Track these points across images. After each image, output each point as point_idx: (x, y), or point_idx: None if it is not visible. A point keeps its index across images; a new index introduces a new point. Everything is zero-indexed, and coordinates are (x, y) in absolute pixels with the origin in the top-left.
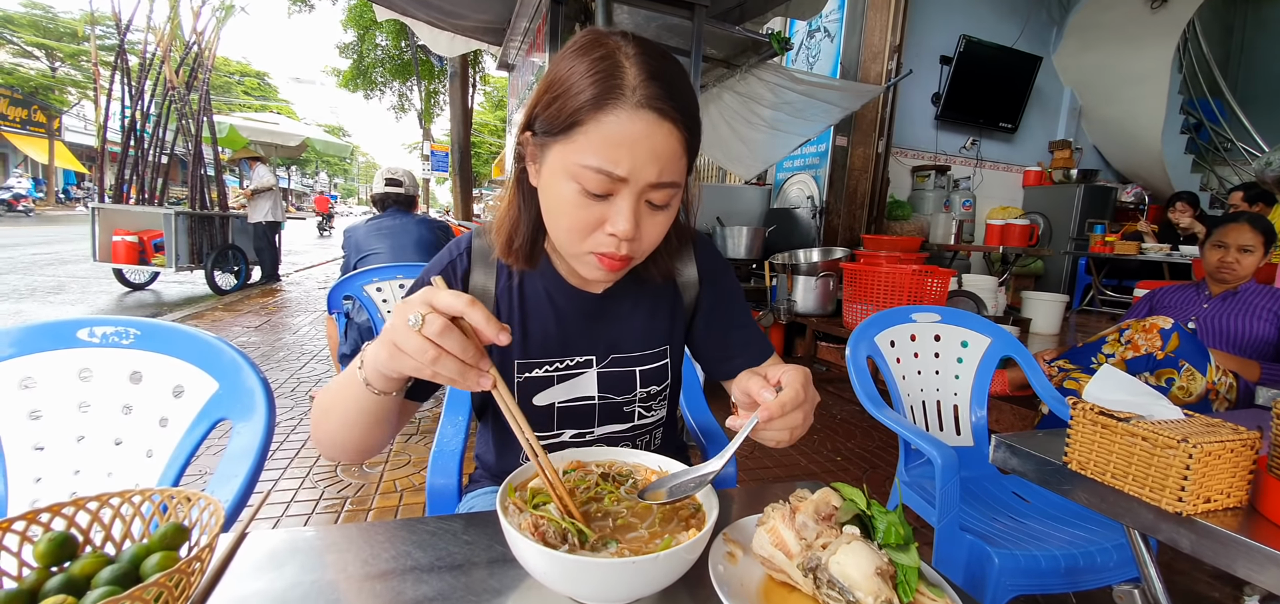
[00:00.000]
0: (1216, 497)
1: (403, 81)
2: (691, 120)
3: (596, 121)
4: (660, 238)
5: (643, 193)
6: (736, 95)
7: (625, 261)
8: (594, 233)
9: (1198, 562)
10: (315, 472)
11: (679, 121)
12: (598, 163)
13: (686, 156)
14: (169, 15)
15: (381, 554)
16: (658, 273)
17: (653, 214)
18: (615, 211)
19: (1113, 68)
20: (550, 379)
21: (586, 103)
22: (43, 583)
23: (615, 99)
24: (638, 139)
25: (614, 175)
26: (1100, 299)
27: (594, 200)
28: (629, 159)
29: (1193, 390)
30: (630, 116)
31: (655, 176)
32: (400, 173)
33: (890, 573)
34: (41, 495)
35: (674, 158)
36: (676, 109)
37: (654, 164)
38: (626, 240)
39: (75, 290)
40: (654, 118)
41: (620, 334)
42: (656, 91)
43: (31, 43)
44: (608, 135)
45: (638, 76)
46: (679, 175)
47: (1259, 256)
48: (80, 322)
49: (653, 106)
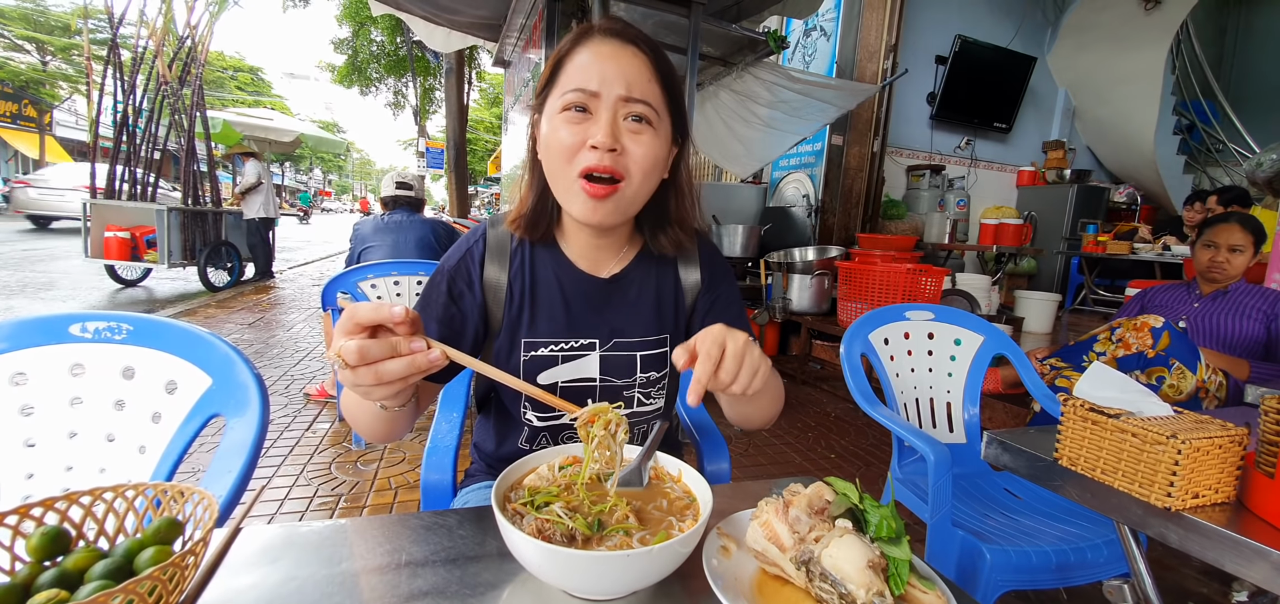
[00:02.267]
0: (1205, 492)
1: (398, 77)
2: (658, 57)
3: (571, 59)
4: (648, 165)
5: (617, 106)
6: (733, 93)
7: (611, 187)
8: (579, 153)
9: (1187, 557)
10: (309, 469)
11: (641, 45)
12: (573, 85)
13: (659, 86)
14: (162, 9)
15: (376, 549)
16: (667, 243)
17: (634, 134)
18: (596, 125)
19: (1106, 68)
20: (554, 358)
21: (564, 52)
22: (36, 577)
23: (584, 38)
24: (604, 59)
25: (586, 91)
26: (1093, 298)
27: (577, 123)
28: (597, 76)
29: (1183, 389)
30: (596, 45)
31: (624, 90)
32: (410, 177)
33: (882, 565)
34: (33, 491)
35: (642, 78)
36: (638, 39)
37: (621, 80)
38: (607, 150)
39: (66, 287)
40: (618, 43)
41: (624, 320)
42: (616, 24)
43: (22, 36)
44: (579, 65)
45: (604, 22)
46: (652, 97)
47: (1249, 256)
48: (72, 317)
49: (615, 35)
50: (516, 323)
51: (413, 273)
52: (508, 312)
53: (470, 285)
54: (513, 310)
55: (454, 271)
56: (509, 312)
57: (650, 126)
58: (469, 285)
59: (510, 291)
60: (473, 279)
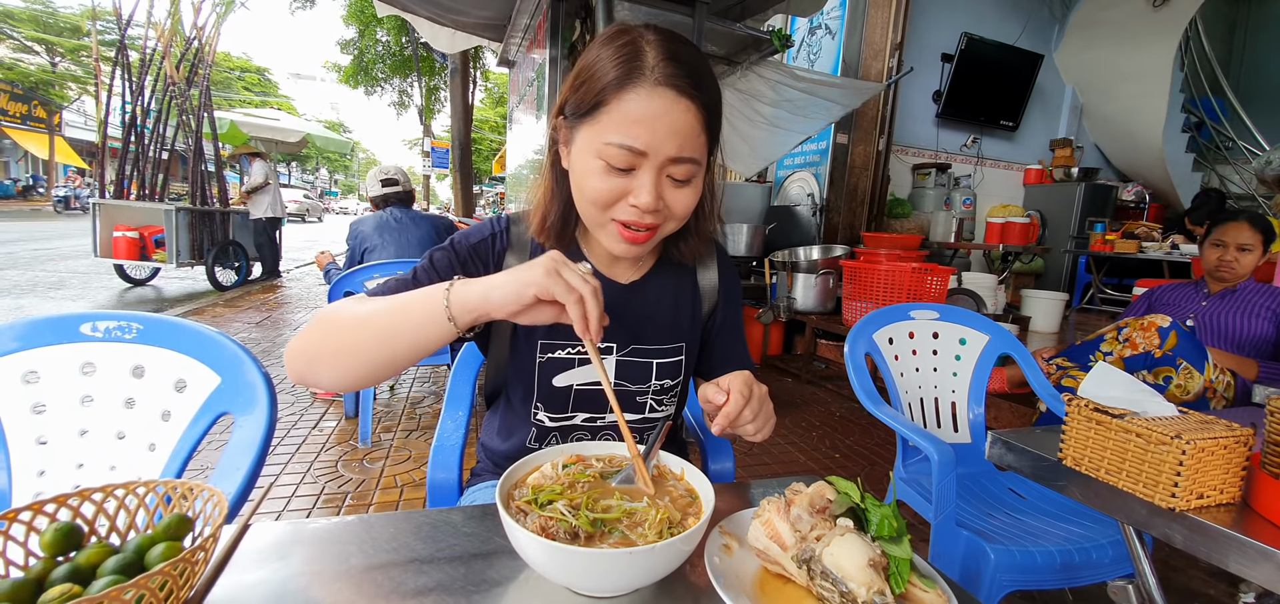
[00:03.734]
0: (1210, 493)
1: (403, 78)
2: (709, 101)
3: (619, 100)
4: (686, 213)
5: (663, 167)
6: (737, 92)
7: (648, 234)
8: (617, 204)
9: (1193, 558)
10: (316, 467)
11: (696, 99)
12: (620, 139)
13: (706, 135)
14: (170, 10)
15: (382, 546)
16: (687, 253)
17: (675, 189)
18: (638, 185)
19: (1114, 65)
20: (571, 361)
21: (609, 83)
22: (49, 572)
23: (636, 79)
24: (657, 115)
25: (634, 149)
26: (1100, 297)
27: (618, 175)
28: (648, 134)
29: (1190, 388)
30: (649, 94)
31: (675, 151)
32: (393, 170)
33: (883, 564)
34: (45, 488)
35: (692, 134)
36: (693, 87)
37: (673, 139)
38: (649, 212)
39: (76, 286)
40: (672, 95)
41: (642, 326)
42: (674, 71)
43: (32, 38)
44: (628, 112)
45: (656, 58)
46: (698, 152)
47: (1258, 255)
48: (83, 316)
49: (670, 84)
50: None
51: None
52: None
53: (487, 269)
54: None
55: (474, 249)
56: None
57: (693, 180)
58: (485, 268)
59: None
60: (490, 266)
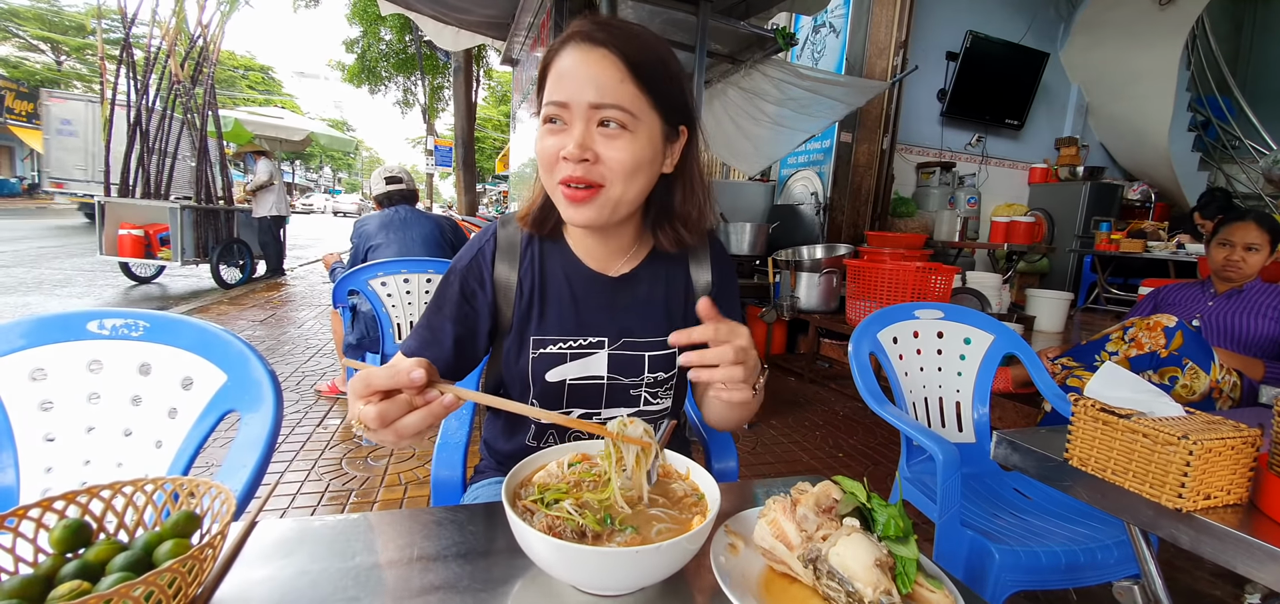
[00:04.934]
0: (1217, 493)
1: (407, 76)
2: (631, 52)
3: (552, 68)
4: (626, 167)
5: (587, 117)
6: (741, 91)
7: (588, 190)
8: (557, 163)
9: (1198, 559)
10: (320, 464)
11: (611, 48)
12: (548, 97)
13: (636, 86)
14: (174, 9)
15: (389, 543)
16: (668, 240)
17: (608, 140)
18: (567, 136)
19: (1120, 64)
20: (563, 356)
21: (547, 60)
22: (58, 569)
23: (561, 46)
24: (574, 67)
25: (557, 101)
26: (1105, 297)
27: (554, 135)
28: (568, 85)
29: (1196, 389)
30: (568, 53)
31: (594, 97)
32: (397, 169)
33: (889, 564)
34: (52, 485)
35: (613, 82)
36: (608, 38)
37: (590, 86)
38: (578, 161)
39: (82, 284)
40: (585, 46)
41: (633, 320)
42: (588, 28)
43: (37, 36)
44: (555, 75)
45: (578, 22)
46: (626, 101)
47: (1265, 255)
48: (90, 314)
49: (584, 38)
50: (526, 320)
51: (422, 271)
52: (517, 309)
53: (482, 284)
54: (522, 307)
55: (466, 271)
56: (518, 309)
57: (625, 129)
58: (480, 284)
59: (520, 289)
60: (484, 277)
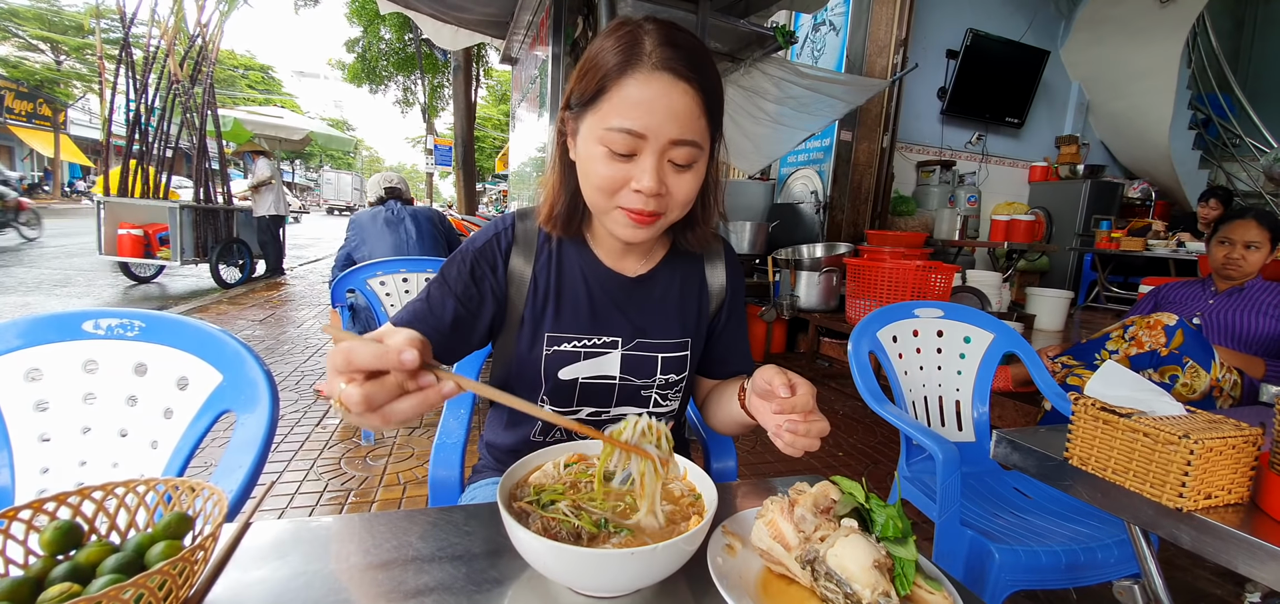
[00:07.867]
0: (1217, 493)
1: (407, 75)
2: (708, 85)
3: (619, 86)
4: (689, 198)
5: (664, 151)
6: (741, 89)
7: (654, 217)
8: (621, 190)
9: (1199, 558)
10: (319, 465)
11: (693, 82)
12: (620, 123)
13: (706, 119)
14: (173, 8)
15: (383, 544)
16: (695, 241)
17: (677, 174)
18: (640, 169)
19: (1121, 62)
20: (577, 354)
21: (610, 70)
22: (49, 571)
23: (634, 64)
24: (655, 98)
25: (634, 133)
26: (1106, 295)
27: (620, 160)
28: (647, 116)
29: (1197, 387)
30: (647, 78)
31: (675, 133)
32: (394, 178)
33: (887, 565)
34: (48, 485)
35: (692, 117)
36: (690, 70)
37: (672, 122)
38: (652, 196)
39: (81, 283)
40: (669, 78)
41: (648, 321)
42: (670, 54)
43: (37, 36)
44: (628, 97)
45: (654, 44)
46: (699, 136)
47: (1266, 253)
48: (86, 313)
49: (667, 68)
50: (540, 317)
51: (421, 270)
52: (531, 305)
53: (494, 269)
54: (537, 304)
55: (480, 253)
56: (532, 305)
57: (693, 164)
58: (492, 269)
59: (534, 284)
60: (496, 264)
